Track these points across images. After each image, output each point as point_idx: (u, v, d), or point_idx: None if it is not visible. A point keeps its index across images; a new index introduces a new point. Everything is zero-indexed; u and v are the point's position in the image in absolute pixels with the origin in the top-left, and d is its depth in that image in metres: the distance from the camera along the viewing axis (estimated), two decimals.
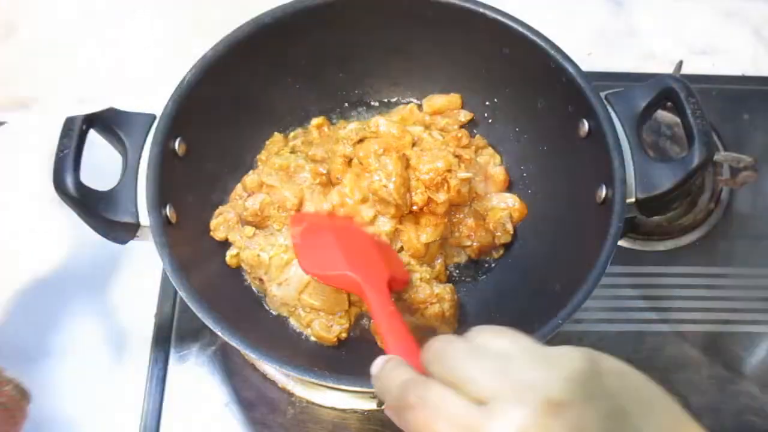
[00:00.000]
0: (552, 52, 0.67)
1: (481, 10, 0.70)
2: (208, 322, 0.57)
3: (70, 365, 0.75)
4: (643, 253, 0.82)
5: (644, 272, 0.81)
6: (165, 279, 0.78)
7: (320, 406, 0.73)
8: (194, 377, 0.74)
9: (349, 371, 0.61)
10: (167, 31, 0.98)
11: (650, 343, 0.77)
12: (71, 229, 0.81)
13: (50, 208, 0.83)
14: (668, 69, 0.88)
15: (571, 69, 0.66)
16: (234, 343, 0.57)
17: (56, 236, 0.82)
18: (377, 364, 0.45)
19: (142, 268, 0.80)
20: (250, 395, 0.74)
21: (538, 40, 0.68)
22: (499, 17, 0.69)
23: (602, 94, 0.65)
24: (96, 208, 0.59)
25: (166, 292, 0.78)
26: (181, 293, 0.58)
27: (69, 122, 0.60)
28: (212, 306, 0.58)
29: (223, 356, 0.75)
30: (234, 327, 0.58)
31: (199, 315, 0.57)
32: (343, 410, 0.73)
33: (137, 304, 0.78)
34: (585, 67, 0.67)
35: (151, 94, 0.67)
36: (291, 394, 0.73)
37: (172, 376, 0.74)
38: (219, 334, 0.57)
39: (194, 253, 0.65)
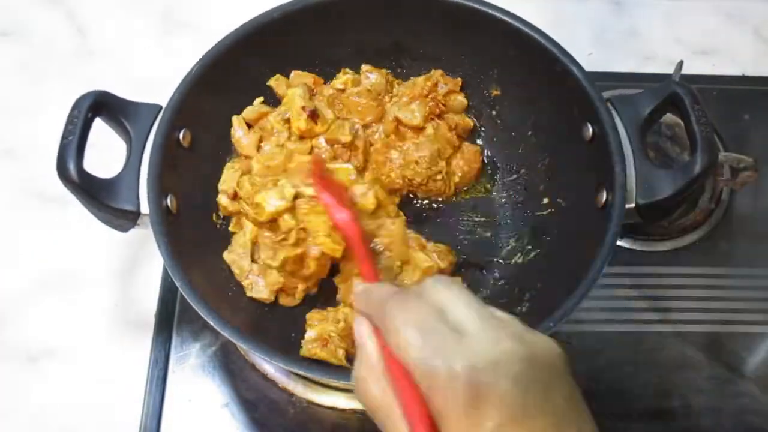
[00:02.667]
0: (559, 55, 0.67)
1: (489, 11, 0.70)
2: (202, 312, 0.57)
3: (70, 365, 0.75)
4: (643, 253, 0.82)
5: (644, 272, 0.81)
6: (166, 279, 0.78)
7: (320, 406, 0.73)
8: (194, 377, 0.74)
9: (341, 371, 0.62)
10: (173, 23, 0.98)
11: (650, 343, 0.77)
12: (71, 230, 0.81)
13: (50, 207, 0.83)
14: (668, 69, 0.88)
15: (577, 72, 0.66)
16: (226, 333, 0.57)
17: (56, 236, 0.82)
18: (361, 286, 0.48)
19: (142, 269, 0.80)
20: (250, 395, 0.74)
21: (545, 43, 0.68)
22: (507, 18, 0.69)
23: (606, 95, 0.65)
24: (98, 195, 0.59)
25: (167, 293, 0.78)
26: (177, 282, 0.58)
27: (74, 109, 0.60)
28: (208, 297, 0.58)
29: (223, 356, 0.75)
30: (228, 319, 0.58)
31: (193, 304, 0.57)
32: (343, 410, 0.73)
33: (137, 304, 0.78)
34: (585, 67, 0.67)
35: (157, 87, 0.68)
36: (291, 395, 0.73)
37: (172, 376, 0.74)
38: (212, 324, 0.57)
39: (193, 245, 0.65)
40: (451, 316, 0.38)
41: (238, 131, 0.73)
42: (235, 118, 0.74)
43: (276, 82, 0.76)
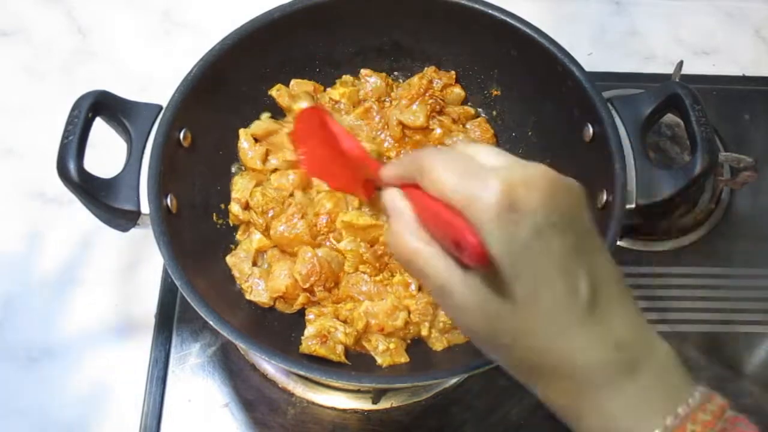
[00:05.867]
0: (559, 55, 0.67)
1: (490, 11, 0.70)
2: (202, 312, 0.57)
3: (70, 365, 0.75)
4: (643, 253, 0.82)
5: (644, 272, 0.81)
6: (166, 279, 0.78)
7: (320, 406, 0.73)
8: (194, 377, 0.74)
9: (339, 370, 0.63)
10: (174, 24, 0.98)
11: None
12: (71, 230, 0.81)
13: (50, 207, 0.83)
14: (668, 69, 0.88)
15: (577, 73, 0.66)
16: (225, 333, 0.57)
17: (56, 236, 0.82)
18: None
19: (143, 269, 0.80)
20: (250, 395, 0.74)
21: (546, 43, 0.68)
22: (507, 18, 0.69)
23: (606, 95, 0.65)
24: (98, 195, 0.59)
25: (167, 293, 0.78)
26: (177, 282, 0.58)
27: (74, 109, 0.60)
28: (208, 297, 0.58)
29: (223, 356, 0.75)
30: (228, 319, 0.58)
31: (193, 304, 0.57)
32: (344, 410, 0.73)
33: (137, 304, 0.78)
34: (585, 67, 0.67)
35: (157, 87, 0.68)
36: (291, 394, 0.73)
37: (172, 376, 0.74)
38: (212, 324, 0.57)
39: (193, 245, 0.65)
40: (483, 159, 0.41)
41: (245, 144, 0.73)
42: (242, 131, 0.74)
43: (277, 93, 0.76)
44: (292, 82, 0.77)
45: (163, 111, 0.64)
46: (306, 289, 0.68)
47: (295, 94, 0.76)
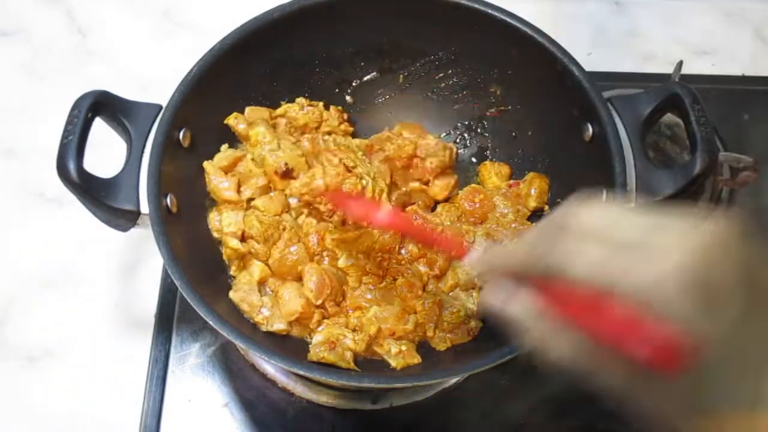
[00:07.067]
0: (559, 54, 0.67)
1: (489, 11, 0.70)
2: (202, 312, 0.57)
3: (70, 365, 0.75)
4: None
5: None
6: (166, 279, 0.78)
7: (320, 406, 0.73)
8: (194, 377, 0.74)
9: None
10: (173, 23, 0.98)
11: None
12: (71, 230, 0.81)
13: (50, 207, 0.83)
14: (668, 69, 0.88)
15: (577, 72, 0.66)
16: (225, 333, 0.57)
17: (56, 236, 0.82)
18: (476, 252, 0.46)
19: (143, 269, 0.80)
20: (250, 395, 0.74)
21: (546, 43, 0.68)
22: (507, 18, 0.69)
23: (605, 95, 0.65)
24: (98, 195, 0.59)
25: (167, 293, 0.78)
26: (177, 282, 0.58)
27: (74, 109, 0.60)
28: (208, 297, 0.58)
29: (223, 356, 0.75)
30: (228, 319, 0.58)
31: (193, 304, 0.57)
32: (344, 410, 0.73)
33: (137, 304, 0.78)
34: (585, 67, 0.67)
35: (157, 86, 0.67)
36: (291, 394, 0.74)
37: (172, 375, 0.74)
38: (212, 324, 0.57)
39: (193, 245, 0.65)
40: (615, 233, 0.36)
41: (214, 179, 0.69)
42: (207, 165, 0.70)
43: (235, 121, 0.73)
44: (247, 109, 0.74)
45: (162, 111, 0.64)
46: (319, 306, 0.67)
47: (252, 121, 0.73)
